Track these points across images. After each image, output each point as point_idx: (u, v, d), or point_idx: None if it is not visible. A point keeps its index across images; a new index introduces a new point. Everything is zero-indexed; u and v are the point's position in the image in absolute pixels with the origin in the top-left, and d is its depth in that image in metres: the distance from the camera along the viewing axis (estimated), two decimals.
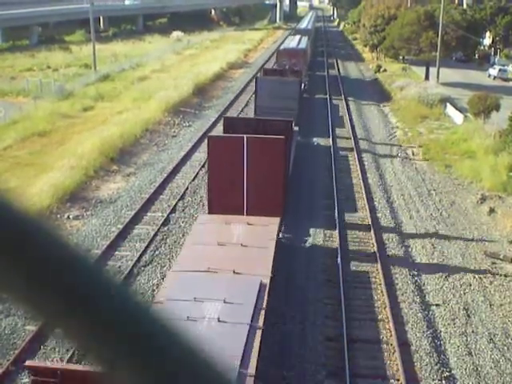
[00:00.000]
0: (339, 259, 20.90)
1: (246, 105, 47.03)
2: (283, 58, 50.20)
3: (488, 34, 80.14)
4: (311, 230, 23.76)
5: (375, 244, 22.61)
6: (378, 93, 57.04)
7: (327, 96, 52.08)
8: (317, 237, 23.28)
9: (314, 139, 37.63)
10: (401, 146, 37.27)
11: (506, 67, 68.59)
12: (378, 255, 21.60)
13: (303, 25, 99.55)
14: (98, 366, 0.84)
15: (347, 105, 49.57)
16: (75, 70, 63.83)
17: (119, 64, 67.09)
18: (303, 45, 59.14)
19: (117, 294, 0.86)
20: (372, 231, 23.78)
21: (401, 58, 75.34)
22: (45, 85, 50.62)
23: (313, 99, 50.77)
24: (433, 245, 23.24)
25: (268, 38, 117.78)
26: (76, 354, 15.66)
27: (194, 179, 29.27)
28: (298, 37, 66.21)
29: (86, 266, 0.85)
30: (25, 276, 0.81)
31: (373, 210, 26.31)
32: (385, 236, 23.75)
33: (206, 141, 35.33)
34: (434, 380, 15.27)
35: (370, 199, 27.57)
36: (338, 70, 72.18)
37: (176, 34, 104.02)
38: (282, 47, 58.53)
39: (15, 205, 0.84)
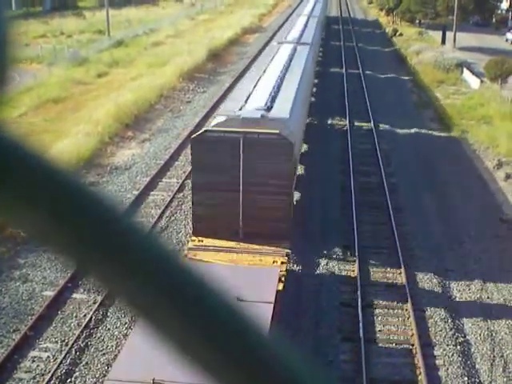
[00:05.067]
0: None
1: None
2: None
3: None
4: None
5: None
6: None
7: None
8: None
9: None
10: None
11: None
12: (393, 223, 21.56)
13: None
14: (130, 309, 0.84)
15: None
16: (89, 36, 63.58)
17: (133, 30, 66.78)
18: None
19: (144, 240, 0.85)
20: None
21: (417, 21, 74.46)
22: (58, 51, 50.52)
23: None
24: (448, 211, 23.16)
25: (283, 2, 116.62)
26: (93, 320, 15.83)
27: None
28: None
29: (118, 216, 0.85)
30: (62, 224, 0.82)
31: (388, 174, 26.19)
32: (400, 199, 23.69)
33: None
34: (448, 345, 15.34)
35: (385, 165, 27.44)
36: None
37: None
38: None
39: (49, 160, 0.85)
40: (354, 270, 18.58)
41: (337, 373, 13.86)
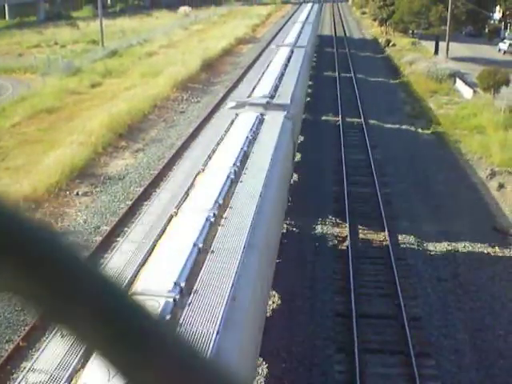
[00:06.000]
0: None
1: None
2: None
3: (498, 8, 79.33)
4: None
5: (385, 224, 22.53)
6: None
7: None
8: None
9: None
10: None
11: None
12: (386, 232, 21.55)
13: None
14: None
15: None
16: (83, 46, 63.70)
17: (127, 40, 66.89)
18: None
19: (105, 287, 0.85)
20: (382, 210, 23.70)
21: (410, 32, 74.77)
22: (52, 61, 50.54)
23: None
24: (441, 220, 23.18)
25: (276, 12, 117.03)
26: None
27: None
28: None
29: (77, 262, 0.84)
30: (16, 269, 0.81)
31: (382, 185, 26.19)
32: (394, 210, 23.69)
33: (215, 115, 32.54)
34: (443, 354, 15.32)
35: (379, 174, 27.44)
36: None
37: (183, 9, 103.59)
38: None
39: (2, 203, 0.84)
40: None
41: None
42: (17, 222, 0.82)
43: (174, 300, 8.53)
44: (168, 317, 8.10)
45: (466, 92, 43.67)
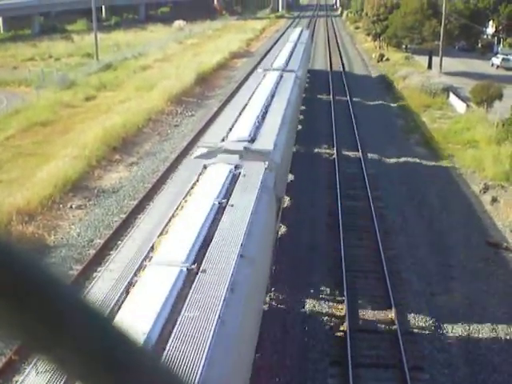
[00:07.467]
0: None
1: None
2: None
3: (491, 22, 79.76)
4: None
5: (378, 235, 22.54)
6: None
7: None
8: None
9: None
10: None
11: (509, 56, 68.20)
12: (381, 250, 21.56)
13: None
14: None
15: None
16: (77, 60, 63.81)
17: (121, 53, 67.01)
18: None
19: (90, 316, 0.85)
20: (375, 225, 23.72)
21: (404, 47, 75.11)
22: (47, 74, 50.58)
23: None
24: (435, 235, 23.20)
25: (270, 27, 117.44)
26: None
27: None
28: None
29: (62, 290, 0.84)
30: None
31: (375, 198, 26.22)
32: (387, 221, 23.71)
33: (208, 130, 30.55)
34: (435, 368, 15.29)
35: (373, 189, 27.46)
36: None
37: (178, 23, 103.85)
38: None
39: None
40: None
41: None
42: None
43: None
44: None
45: (460, 106, 43.86)
